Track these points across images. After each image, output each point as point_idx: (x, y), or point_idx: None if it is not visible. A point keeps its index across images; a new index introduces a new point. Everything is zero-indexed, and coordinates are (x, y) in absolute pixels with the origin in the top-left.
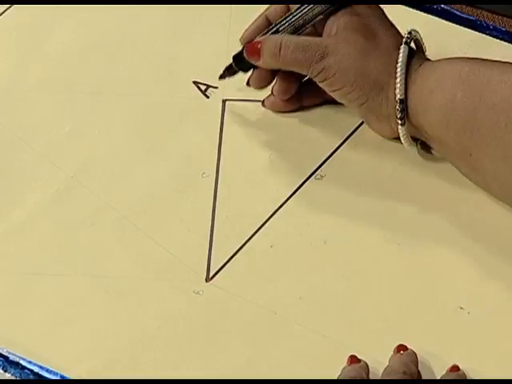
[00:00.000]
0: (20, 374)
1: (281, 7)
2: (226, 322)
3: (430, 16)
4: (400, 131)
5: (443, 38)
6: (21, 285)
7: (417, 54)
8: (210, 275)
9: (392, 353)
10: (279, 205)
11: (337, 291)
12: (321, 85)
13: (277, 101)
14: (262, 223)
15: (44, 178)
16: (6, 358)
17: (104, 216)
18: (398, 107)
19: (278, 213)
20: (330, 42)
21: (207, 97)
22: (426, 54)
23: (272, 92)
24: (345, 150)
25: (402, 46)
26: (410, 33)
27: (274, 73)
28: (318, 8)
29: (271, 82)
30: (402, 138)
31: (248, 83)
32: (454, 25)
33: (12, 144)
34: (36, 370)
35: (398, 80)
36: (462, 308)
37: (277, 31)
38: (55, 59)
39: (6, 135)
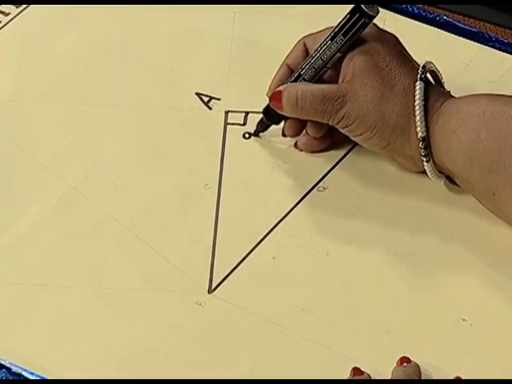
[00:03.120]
0: None
1: (300, 54)
2: (228, 334)
3: (432, 28)
4: (426, 167)
5: (446, 50)
6: (23, 296)
7: (435, 88)
8: (213, 287)
9: (395, 365)
10: (281, 216)
11: (339, 303)
12: (342, 131)
13: (310, 141)
14: (264, 235)
15: (46, 189)
16: (8, 370)
17: (106, 227)
18: (421, 145)
19: (280, 224)
20: (348, 89)
21: (210, 108)
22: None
23: (306, 132)
24: (347, 162)
25: (418, 83)
26: (423, 67)
27: (304, 121)
28: (335, 45)
29: (303, 128)
30: (428, 174)
31: (284, 134)
32: (456, 36)
33: (15, 155)
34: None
35: (417, 118)
36: (464, 320)
37: (299, 76)
38: (58, 71)
39: (9, 146)
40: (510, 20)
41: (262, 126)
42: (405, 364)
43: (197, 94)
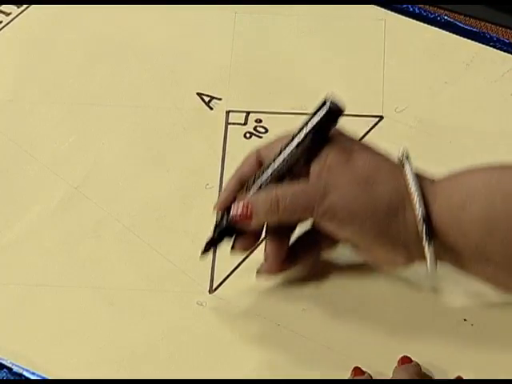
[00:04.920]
0: None
1: (252, 165)
2: (229, 334)
3: (433, 28)
4: (427, 251)
5: (447, 50)
6: (24, 296)
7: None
8: (214, 287)
9: (396, 365)
10: None
11: (340, 303)
12: (330, 228)
13: (271, 266)
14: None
15: (47, 189)
16: (9, 370)
17: (107, 227)
18: (421, 227)
19: None
20: (328, 178)
21: (211, 108)
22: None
23: (264, 258)
24: None
25: (407, 162)
26: (402, 152)
27: (258, 234)
28: (299, 150)
29: (256, 242)
30: (428, 259)
31: (233, 247)
32: (457, 37)
33: (16, 155)
34: None
35: (415, 200)
36: (465, 320)
37: (259, 187)
38: (59, 71)
39: (10, 146)
40: (511, 20)
41: (214, 243)
42: (406, 364)
43: (198, 93)
